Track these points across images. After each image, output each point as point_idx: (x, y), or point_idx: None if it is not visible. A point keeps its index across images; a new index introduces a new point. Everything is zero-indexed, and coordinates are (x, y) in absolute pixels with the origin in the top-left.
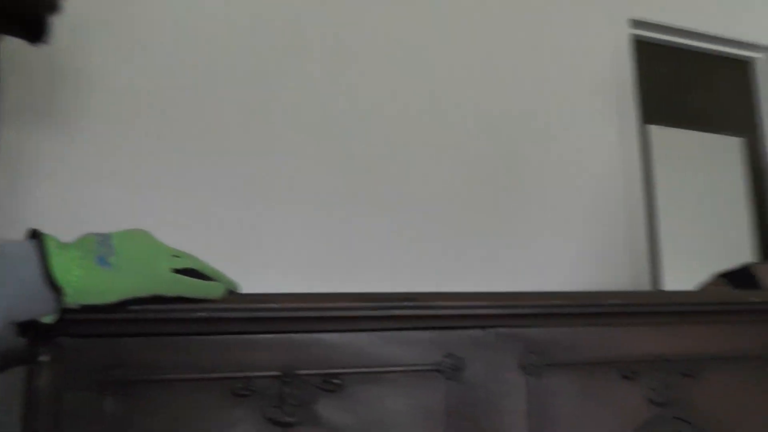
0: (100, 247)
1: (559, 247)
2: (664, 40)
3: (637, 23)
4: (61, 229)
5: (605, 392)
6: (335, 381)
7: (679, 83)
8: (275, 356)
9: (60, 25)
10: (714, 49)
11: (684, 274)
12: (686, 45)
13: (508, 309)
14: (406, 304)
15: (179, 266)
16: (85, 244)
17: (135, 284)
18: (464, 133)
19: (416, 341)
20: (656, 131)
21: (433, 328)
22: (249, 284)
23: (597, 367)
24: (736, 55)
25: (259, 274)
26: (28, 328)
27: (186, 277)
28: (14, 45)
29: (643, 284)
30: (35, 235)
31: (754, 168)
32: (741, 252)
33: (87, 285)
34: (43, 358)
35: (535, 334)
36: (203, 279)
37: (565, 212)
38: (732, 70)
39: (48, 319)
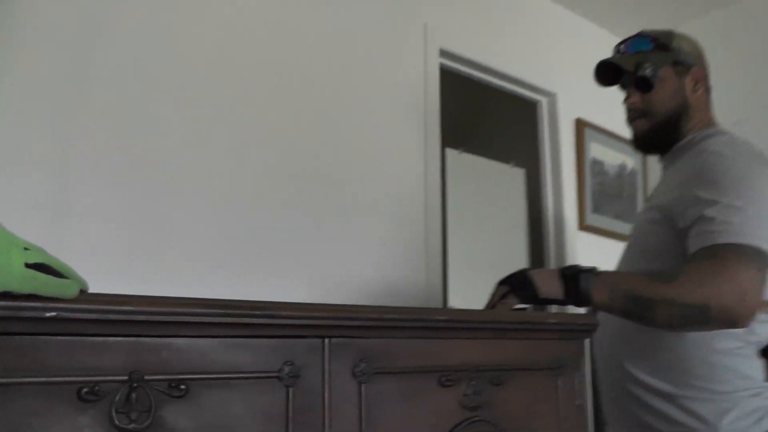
0: None
1: (365, 255)
2: (467, 73)
3: (444, 53)
4: None
5: (426, 397)
6: (181, 386)
7: (476, 114)
8: (124, 360)
9: None
10: (508, 88)
11: (468, 282)
12: (486, 80)
13: (344, 321)
14: (253, 312)
15: (32, 260)
16: None
17: None
18: (283, 151)
19: (259, 348)
20: (451, 154)
21: (275, 336)
22: None
23: (420, 375)
24: (525, 95)
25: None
26: None
27: (41, 274)
28: None
29: (436, 289)
30: None
31: (532, 196)
32: (519, 262)
33: None
34: None
35: (366, 344)
36: (55, 275)
37: (373, 222)
38: (521, 109)
39: None
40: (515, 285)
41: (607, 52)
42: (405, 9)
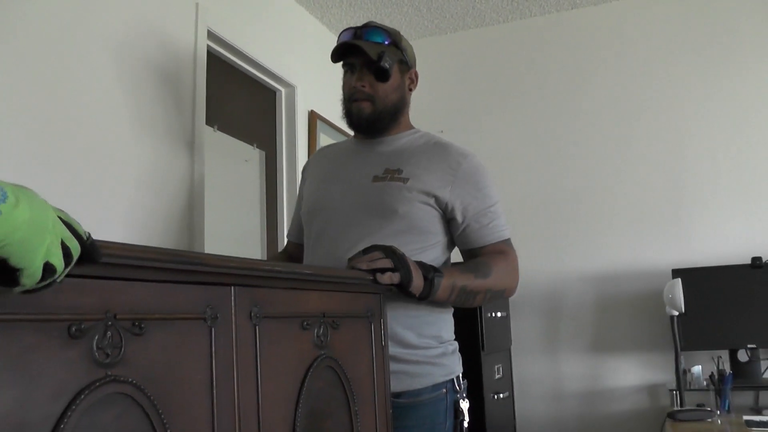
0: None
1: (132, 226)
2: (224, 55)
3: (211, 35)
4: None
5: (293, 338)
6: (141, 325)
7: (225, 93)
8: (100, 301)
9: None
10: (255, 75)
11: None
12: (236, 63)
13: (247, 271)
14: (194, 260)
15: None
16: None
17: None
18: (54, 117)
19: (192, 293)
20: (207, 131)
21: (202, 283)
22: None
23: (289, 320)
24: (268, 84)
25: None
26: None
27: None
28: None
29: None
30: None
31: (269, 175)
32: (254, 237)
33: None
34: None
35: (257, 292)
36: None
37: (139, 195)
38: (264, 95)
39: None
40: (400, 267)
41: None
42: None
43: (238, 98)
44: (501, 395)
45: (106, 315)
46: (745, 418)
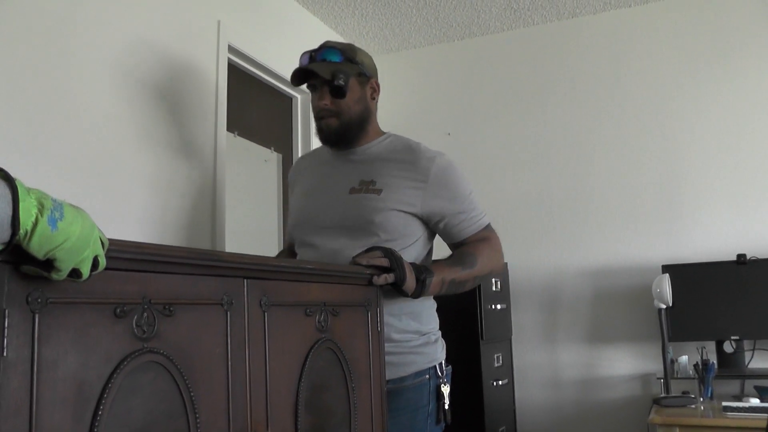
0: (54, 211)
1: (160, 224)
2: (244, 66)
3: (231, 49)
4: None
5: (298, 323)
6: (171, 308)
7: (245, 101)
8: (139, 288)
9: None
10: (272, 83)
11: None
12: (255, 73)
13: (257, 266)
14: (214, 257)
15: (99, 253)
16: (43, 200)
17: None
18: (80, 122)
19: (212, 284)
20: (228, 137)
21: (220, 275)
22: None
23: (294, 307)
24: (284, 91)
25: None
26: None
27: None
28: None
29: None
30: (5, 175)
31: (285, 175)
32: (271, 235)
33: (33, 236)
34: None
35: (265, 284)
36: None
37: (169, 197)
38: (281, 102)
39: None
40: (396, 267)
41: None
42: (201, 7)
43: (257, 105)
44: (501, 382)
45: (143, 300)
46: (724, 404)
